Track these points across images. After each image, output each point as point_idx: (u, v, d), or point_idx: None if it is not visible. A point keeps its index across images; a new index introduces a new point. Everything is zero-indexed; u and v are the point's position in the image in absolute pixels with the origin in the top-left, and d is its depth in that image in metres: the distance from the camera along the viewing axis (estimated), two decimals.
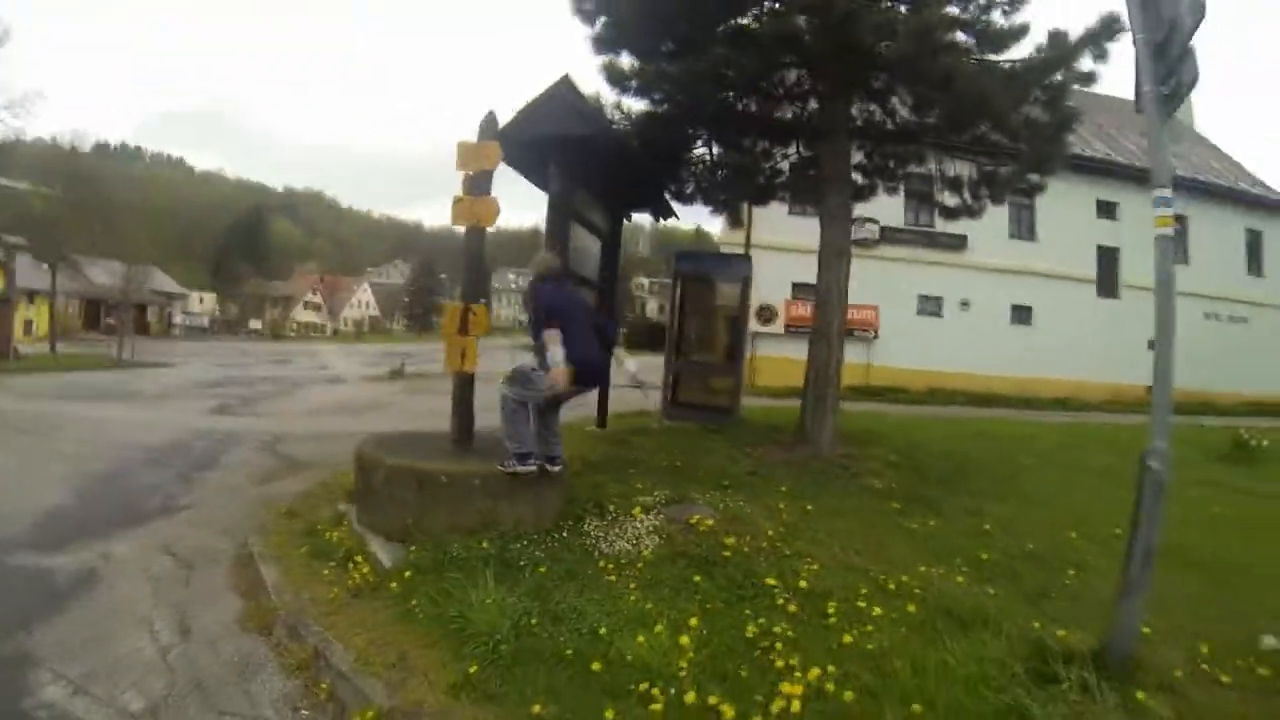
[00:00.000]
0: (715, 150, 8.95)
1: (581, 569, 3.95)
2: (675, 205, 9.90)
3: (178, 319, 54.34)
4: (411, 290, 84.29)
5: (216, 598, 3.98)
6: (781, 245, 17.91)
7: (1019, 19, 6.17)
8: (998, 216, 10.23)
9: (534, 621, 3.20)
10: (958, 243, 21.10)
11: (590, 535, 4.48)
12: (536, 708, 2.58)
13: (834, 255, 7.88)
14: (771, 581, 3.84)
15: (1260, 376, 23.43)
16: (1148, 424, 3.03)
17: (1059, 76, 6.10)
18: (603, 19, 7.22)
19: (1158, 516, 3.01)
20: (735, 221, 10.70)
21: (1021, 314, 23.02)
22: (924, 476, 7.30)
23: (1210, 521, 5.90)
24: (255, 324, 62.37)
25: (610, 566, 4.02)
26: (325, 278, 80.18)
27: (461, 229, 5.23)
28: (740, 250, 17.05)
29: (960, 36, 6.08)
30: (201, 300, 63.52)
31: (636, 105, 8.10)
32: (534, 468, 4.50)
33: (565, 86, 6.71)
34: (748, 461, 7.20)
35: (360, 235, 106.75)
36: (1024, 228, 22.32)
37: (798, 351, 15.94)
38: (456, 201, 5.12)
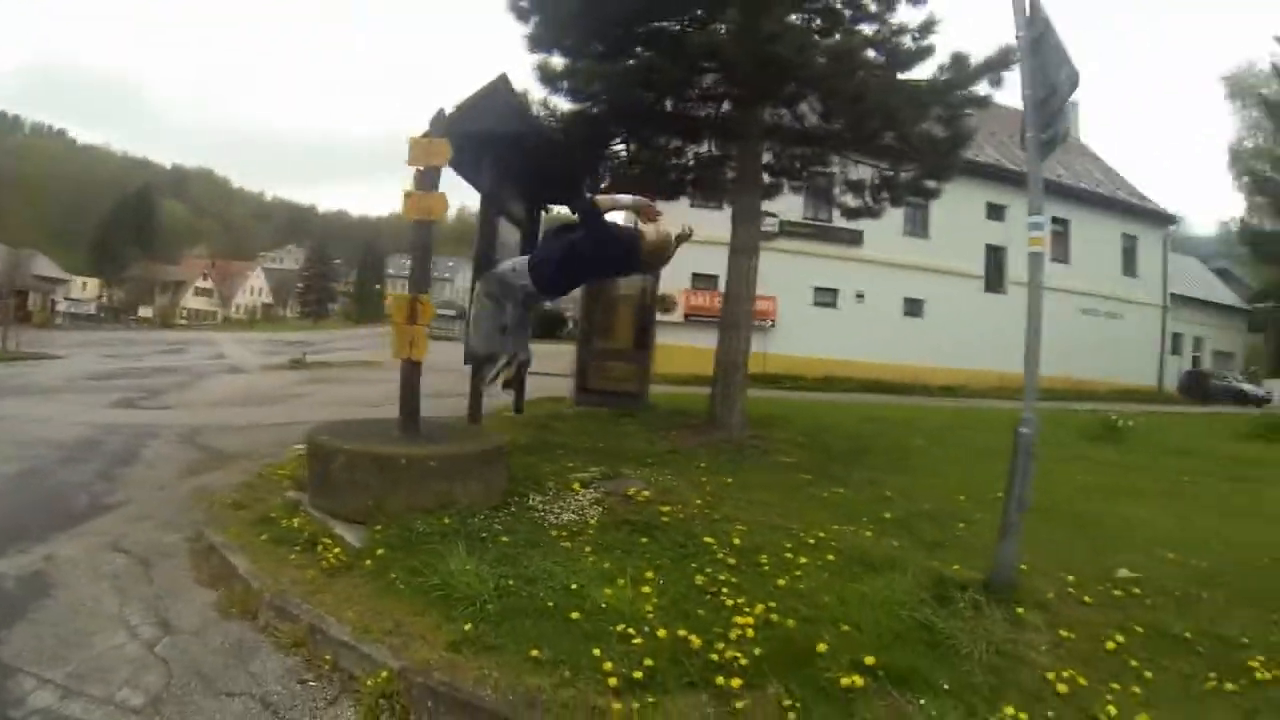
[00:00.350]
0: (632, 147, 9.38)
1: (539, 538, 4.30)
2: None
3: (61, 306, 50.27)
4: (306, 276, 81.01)
5: (185, 590, 3.95)
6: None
7: (926, 43, 6.89)
8: (893, 214, 11.12)
9: (511, 583, 3.53)
10: (854, 238, 22.19)
11: (538, 509, 4.87)
12: (534, 652, 2.94)
13: (743, 252, 8.45)
14: (709, 540, 4.34)
15: (1131, 367, 26.17)
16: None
17: (958, 97, 6.87)
18: (536, 17, 7.50)
19: (1029, 471, 3.73)
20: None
21: (913, 306, 24.58)
22: (828, 454, 8.01)
23: (1079, 488, 6.84)
24: (144, 311, 58.42)
25: (564, 534, 4.41)
26: (216, 262, 75.73)
27: (394, 217, 5.51)
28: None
29: (871, 54, 6.75)
30: (85, 286, 58.79)
31: (564, 104, 8.44)
32: (505, 359, 4.92)
33: (503, 84, 6.99)
34: (665, 443, 7.72)
35: (252, 217, 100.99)
36: (918, 225, 23.80)
37: (697, 340, 16.37)
38: (407, 195, 5.30)
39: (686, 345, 19.07)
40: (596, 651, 2.92)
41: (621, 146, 9.41)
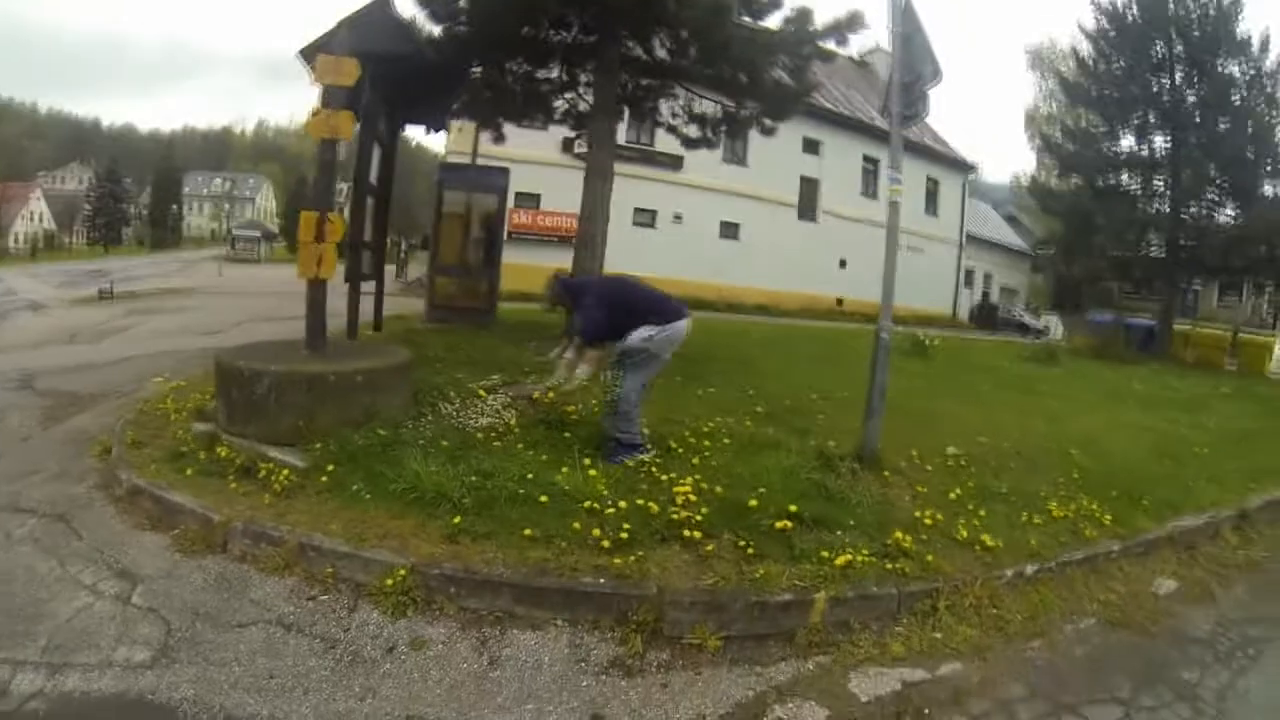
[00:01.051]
0: (490, 71, 9.14)
1: (470, 440, 4.41)
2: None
3: None
4: (93, 199, 70.02)
5: (126, 538, 3.55)
6: (505, 155, 16.53)
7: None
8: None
9: (473, 479, 3.69)
10: (675, 163, 22.18)
11: (453, 416, 4.89)
12: (526, 532, 3.24)
13: (599, 175, 8.55)
14: None
15: (931, 295, 29.04)
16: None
17: (809, 49, 7.44)
18: None
19: (886, 365, 4.55)
20: (498, 137, 11.02)
21: (730, 230, 25.46)
22: (683, 361, 8.11)
23: (904, 391, 7.42)
24: None
25: (492, 436, 4.55)
26: None
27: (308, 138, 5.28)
28: (466, 160, 16.97)
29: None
30: None
31: (433, 27, 8.09)
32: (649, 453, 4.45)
33: (386, 2, 6.60)
34: (532, 353, 7.56)
35: (25, 134, 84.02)
36: (737, 154, 24.37)
37: (521, 257, 16.30)
38: (314, 113, 5.07)
39: (510, 263, 19.01)
40: (577, 525, 3.30)
41: (478, 70, 9.16)
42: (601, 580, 2.95)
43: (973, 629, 3.07)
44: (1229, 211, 19.09)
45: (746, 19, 7.60)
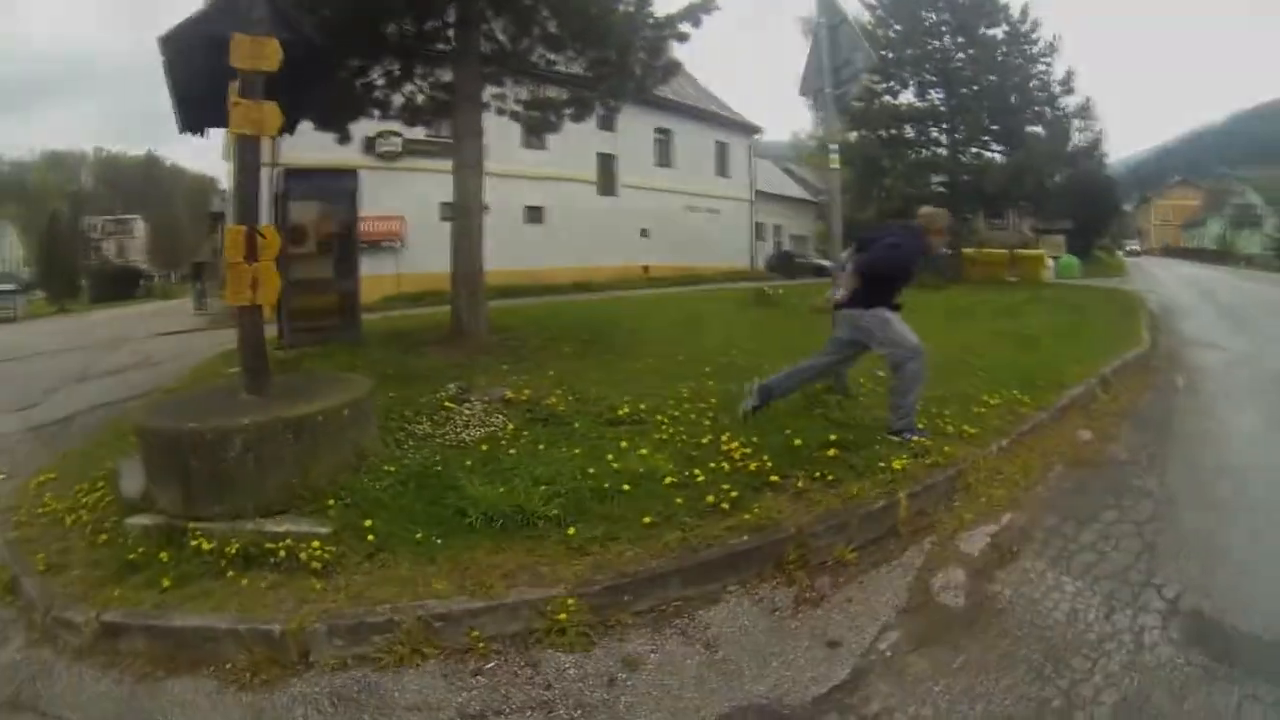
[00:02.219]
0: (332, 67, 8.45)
1: (482, 453, 4.21)
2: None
3: None
4: None
5: (151, 697, 2.64)
6: (309, 163, 14.74)
7: None
8: (512, 127, 11.47)
9: (543, 489, 3.55)
10: None
11: (438, 435, 4.61)
12: (645, 520, 3.30)
13: (469, 168, 8.42)
14: (622, 413, 4.90)
15: (730, 251, 31.08)
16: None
17: (669, 31, 7.86)
18: None
19: None
20: (344, 139, 10.25)
21: (535, 214, 25.64)
22: (585, 343, 8.34)
23: (786, 332, 8.41)
24: None
25: (501, 443, 4.37)
26: None
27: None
28: (265, 168, 15.30)
29: None
30: None
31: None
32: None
33: None
34: (437, 359, 7.37)
35: None
36: (534, 137, 24.60)
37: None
38: (235, 105, 4.29)
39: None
40: (680, 500, 3.47)
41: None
42: (745, 537, 3.18)
43: (999, 489, 3.93)
44: (1000, 150, 22.60)
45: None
